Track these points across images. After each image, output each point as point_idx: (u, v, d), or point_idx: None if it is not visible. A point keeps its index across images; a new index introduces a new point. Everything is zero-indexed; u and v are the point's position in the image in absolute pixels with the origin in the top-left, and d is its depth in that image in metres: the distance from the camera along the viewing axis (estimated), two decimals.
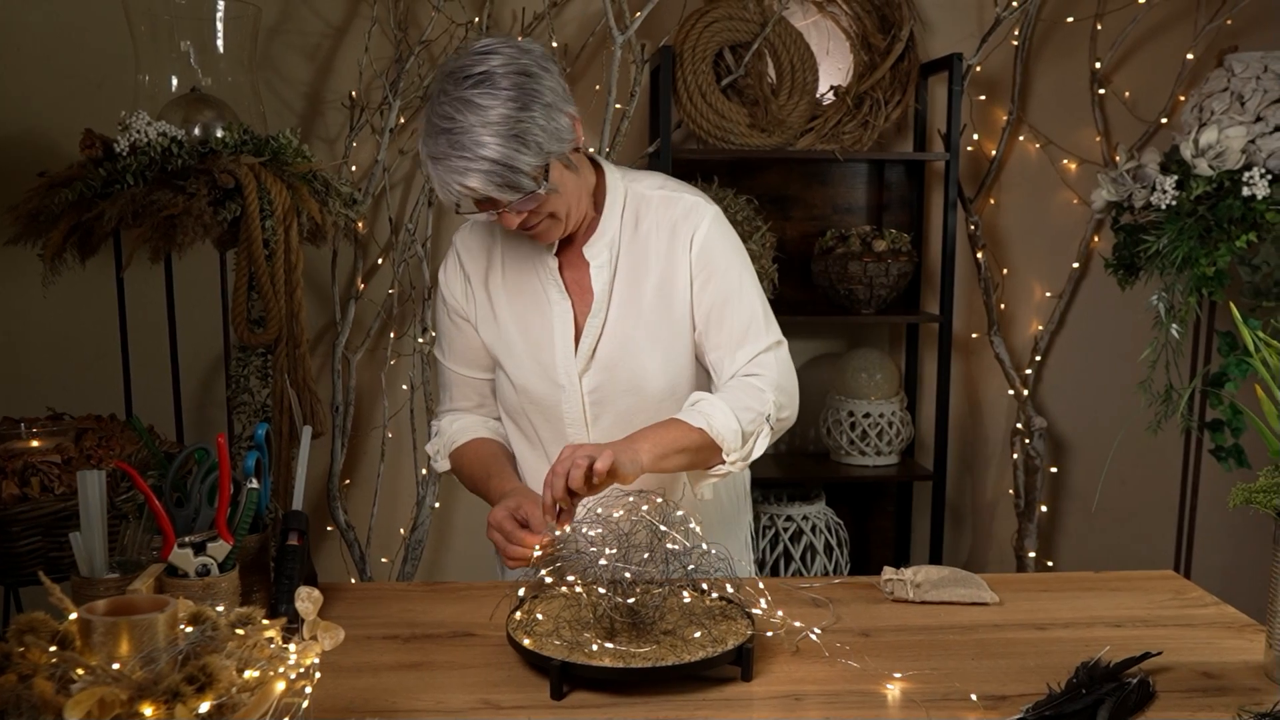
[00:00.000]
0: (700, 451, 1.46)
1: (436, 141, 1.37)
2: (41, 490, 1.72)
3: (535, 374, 1.59)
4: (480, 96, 1.35)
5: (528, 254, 1.60)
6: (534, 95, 1.37)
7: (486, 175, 1.36)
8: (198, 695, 0.89)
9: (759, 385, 1.53)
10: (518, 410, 1.64)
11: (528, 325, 1.59)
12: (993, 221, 3.10)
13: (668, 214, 1.57)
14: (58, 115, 2.68)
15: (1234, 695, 1.24)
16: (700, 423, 1.45)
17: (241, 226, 2.18)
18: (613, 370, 1.56)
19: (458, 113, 1.35)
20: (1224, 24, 2.93)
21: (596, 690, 1.23)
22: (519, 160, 1.36)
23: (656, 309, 1.56)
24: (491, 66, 1.37)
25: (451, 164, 1.36)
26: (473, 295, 1.63)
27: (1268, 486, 1.28)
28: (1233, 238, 2.22)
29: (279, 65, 2.87)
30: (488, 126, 1.35)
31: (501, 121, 1.35)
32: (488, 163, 1.35)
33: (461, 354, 1.68)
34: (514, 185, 1.38)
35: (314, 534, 3.01)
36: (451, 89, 1.37)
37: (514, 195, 1.39)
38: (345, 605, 1.53)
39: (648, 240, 1.57)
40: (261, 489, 1.41)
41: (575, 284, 1.58)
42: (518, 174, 1.37)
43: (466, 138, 1.35)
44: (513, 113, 1.35)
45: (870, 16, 2.93)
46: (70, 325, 2.83)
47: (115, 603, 0.98)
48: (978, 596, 1.53)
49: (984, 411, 3.19)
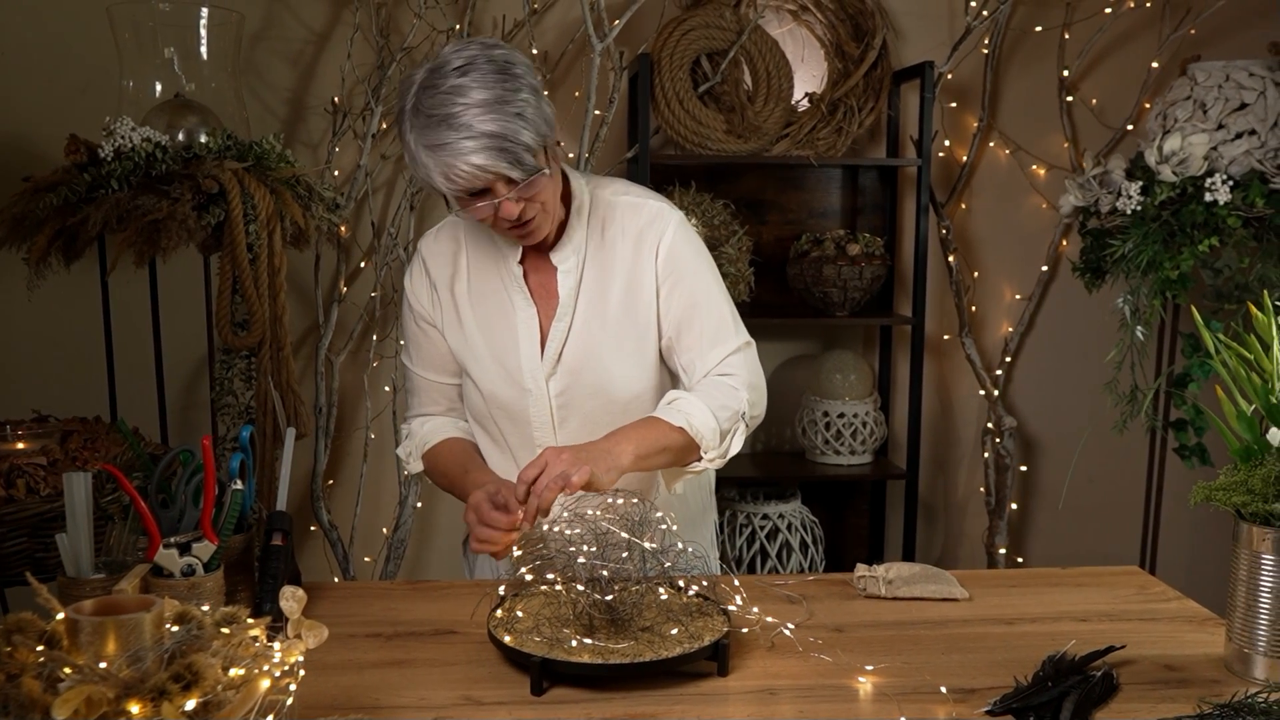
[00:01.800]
0: (680, 450, 1.48)
1: (434, 131, 1.36)
2: (27, 492, 1.71)
3: (501, 379, 1.59)
4: (470, 82, 1.35)
5: (492, 260, 1.60)
6: (519, 79, 1.38)
7: (491, 150, 1.35)
8: (184, 693, 0.89)
9: (733, 385, 1.55)
10: (484, 415, 1.64)
11: (493, 330, 1.59)
12: (964, 225, 3.13)
13: (633, 220, 1.57)
14: (43, 120, 2.66)
15: (1195, 687, 1.26)
16: (680, 421, 1.47)
17: (225, 231, 2.17)
18: (578, 374, 1.57)
19: (450, 100, 1.35)
20: (1188, 33, 2.97)
21: (576, 686, 1.24)
22: (521, 135, 1.36)
23: (622, 313, 1.57)
24: (471, 56, 1.38)
25: (455, 146, 1.35)
26: (439, 301, 1.63)
27: (1227, 484, 1.30)
28: (1195, 242, 2.25)
29: (263, 71, 2.87)
30: (484, 105, 1.35)
31: (497, 100, 1.35)
32: (488, 138, 1.35)
33: (429, 359, 1.67)
34: (519, 160, 1.37)
35: (298, 534, 3.00)
36: (439, 81, 1.36)
37: (520, 172, 1.38)
38: (328, 604, 1.53)
39: (614, 246, 1.57)
40: (246, 490, 1.41)
41: (540, 288, 1.59)
42: (520, 148, 1.36)
43: (463, 117, 1.34)
44: (504, 93, 1.36)
45: (844, 25, 2.95)
46: (56, 328, 2.81)
47: (102, 603, 0.98)
48: (948, 592, 1.55)
49: (955, 411, 3.22)
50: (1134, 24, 3.05)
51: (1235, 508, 1.28)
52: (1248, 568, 1.28)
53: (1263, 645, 1.26)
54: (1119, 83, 3.07)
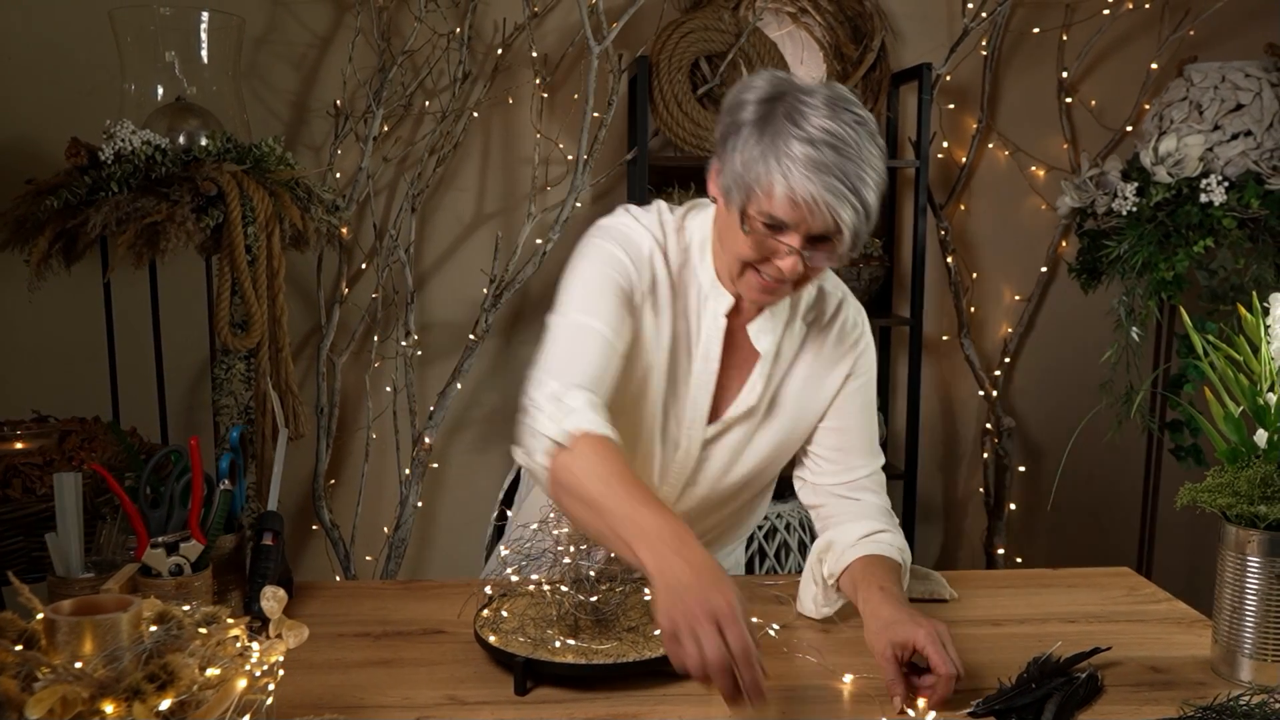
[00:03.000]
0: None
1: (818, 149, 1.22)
2: (23, 491, 1.72)
3: (660, 414, 1.45)
4: (869, 141, 1.24)
5: (690, 296, 1.44)
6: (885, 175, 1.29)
7: (856, 217, 1.24)
8: (158, 693, 0.88)
9: (888, 509, 1.51)
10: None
11: (673, 363, 1.44)
12: (963, 227, 3.12)
13: (838, 318, 1.49)
14: (46, 123, 2.67)
15: (1180, 689, 1.25)
16: (900, 560, 1.43)
17: (224, 233, 2.17)
18: (731, 453, 1.50)
19: (855, 144, 1.23)
20: (1186, 35, 2.95)
21: (559, 686, 1.24)
22: (874, 221, 1.27)
23: (797, 407, 1.49)
24: (868, 118, 1.27)
25: (833, 186, 1.22)
26: (650, 286, 1.42)
27: (1213, 486, 1.29)
28: (1191, 243, 2.23)
29: (266, 74, 2.87)
30: (873, 172, 1.24)
31: (880, 176, 1.26)
32: (864, 208, 1.24)
33: (616, 316, 1.36)
34: (858, 239, 1.27)
35: (300, 533, 3.01)
36: (842, 116, 1.23)
37: (850, 246, 1.27)
38: (320, 603, 1.53)
39: (810, 335, 1.48)
40: (235, 490, 1.41)
41: (725, 350, 1.44)
42: (866, 230, 1.27)
43: (857, 170, 1.23)
44: (884, 173, 1.27)
45: (843, 27, 2.94)
46: (57, 330, 2.82)
47: (81, 602, 0.98)
48: (935, 592, 1.54)
49: (955, 412, 3.20)
50: (1133, 25, 3.03)
51: (1221, 510, 1.27)
52: (1234, 570, 1.27)
53: (1248, 647, 1.25)
54: (1118, 84, 3.05)
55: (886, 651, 1.22)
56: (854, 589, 1.39)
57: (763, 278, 1.31)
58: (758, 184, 1.24)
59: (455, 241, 2.98)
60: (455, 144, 2.87)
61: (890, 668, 1.21)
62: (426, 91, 2.89)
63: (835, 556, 1.42)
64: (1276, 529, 1.23)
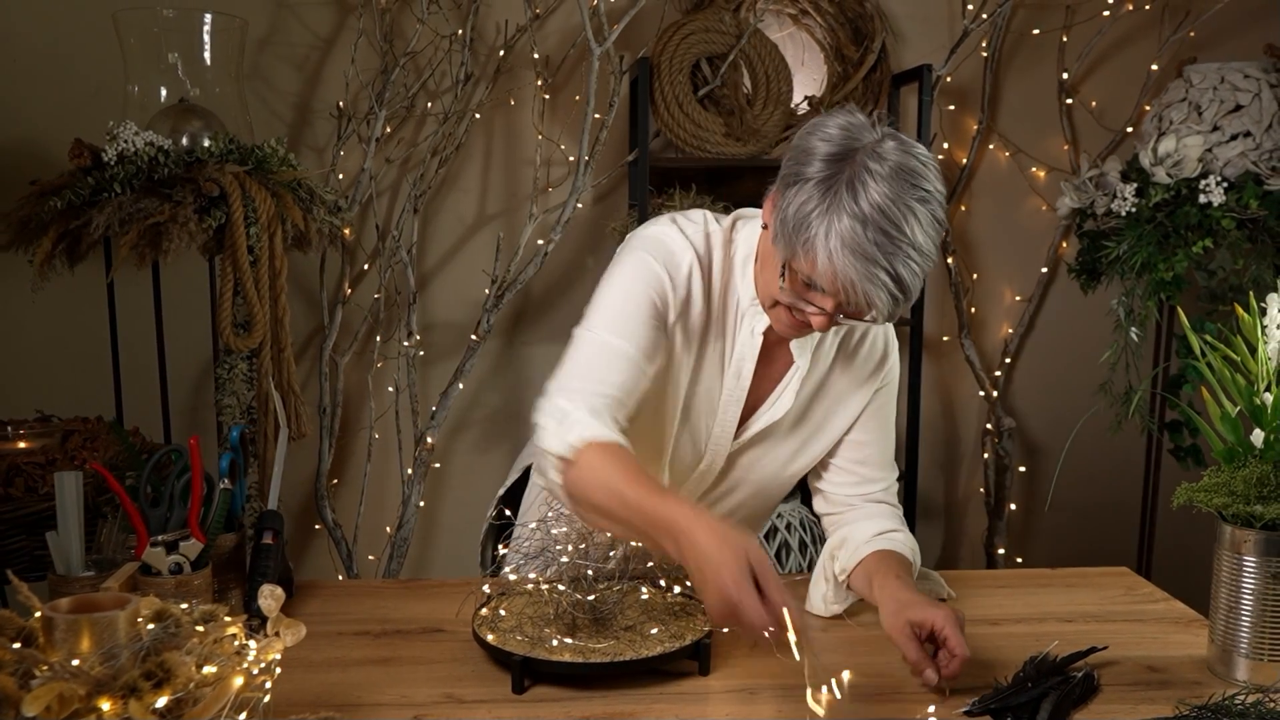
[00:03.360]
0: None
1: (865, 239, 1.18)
2: (26, 490, 1.72)
3: (688, 427, 1.46)
4: (923, 220, 1.20)
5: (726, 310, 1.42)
6: (937, 244, 1.25)
7: (892, 298, 1.21)
8: (155, 690, 0.89)
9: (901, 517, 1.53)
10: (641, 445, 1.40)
11: (705, 377, 1.43)
12: (963, 227, 3.11)
13: (869, 334, 1.50)
14: (50, 125, 2.67)
15: (1176, 688, 1.24)
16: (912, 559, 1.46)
17: (226, 233, 2.18)
18: (754, 466, 1.52)
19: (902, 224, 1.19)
20: (1187, 36, 2.94)
21: (557, 685, 1.24)
22: (912, 294, 1.24)
23: (823, 419, 1.51)
24: (935, 194, 1.22)
25: (871, 270, 1.19)
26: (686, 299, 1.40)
27: (1209, 486, 1.29)
28: (1190, 244, 2.23)
29: (269, 76, 2.87)
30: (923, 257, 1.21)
31: (930, 260, 1.23)
32: (899, 287, 1.21)
33: (647, 340, 1.34)
34: (893, 317, 1.26)
35: (303, 532, 3.01)
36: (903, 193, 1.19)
37: (874, 322, 1.28)
38: (320, 602, 1.53)
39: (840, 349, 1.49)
40: (235, 490, 1.41)
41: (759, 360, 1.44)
42: (905, 305, 1.25)
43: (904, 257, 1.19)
44: (930, 254, 1.22)
45: (844, 28, 2.94)
46: (61, 330, 2.83)
47: (79, 600, 0.98)
48: (934, 592, 1.53)
49: (955, 412, 3.20)
50: (1133, 27, 3.02)
51: (1217, 509, 1.27)
52: (1230, 569, 1.27)
53: (1244, 647, 1.25)
54: (1119, 85, 3.04)
55: (905, 630, 1.24)
56: (868, 581, 1.40)
57: (793, 317, 1.31)
58: (803, 247, 1.22)
59: (457, 242, 2.98)
60: (457, 145, 2.88)
61: (913, 646, 1.23)
62: (429, 93, 2.89)
63: (849, 552, 1.44)
64: (1272, 529, 1.22)
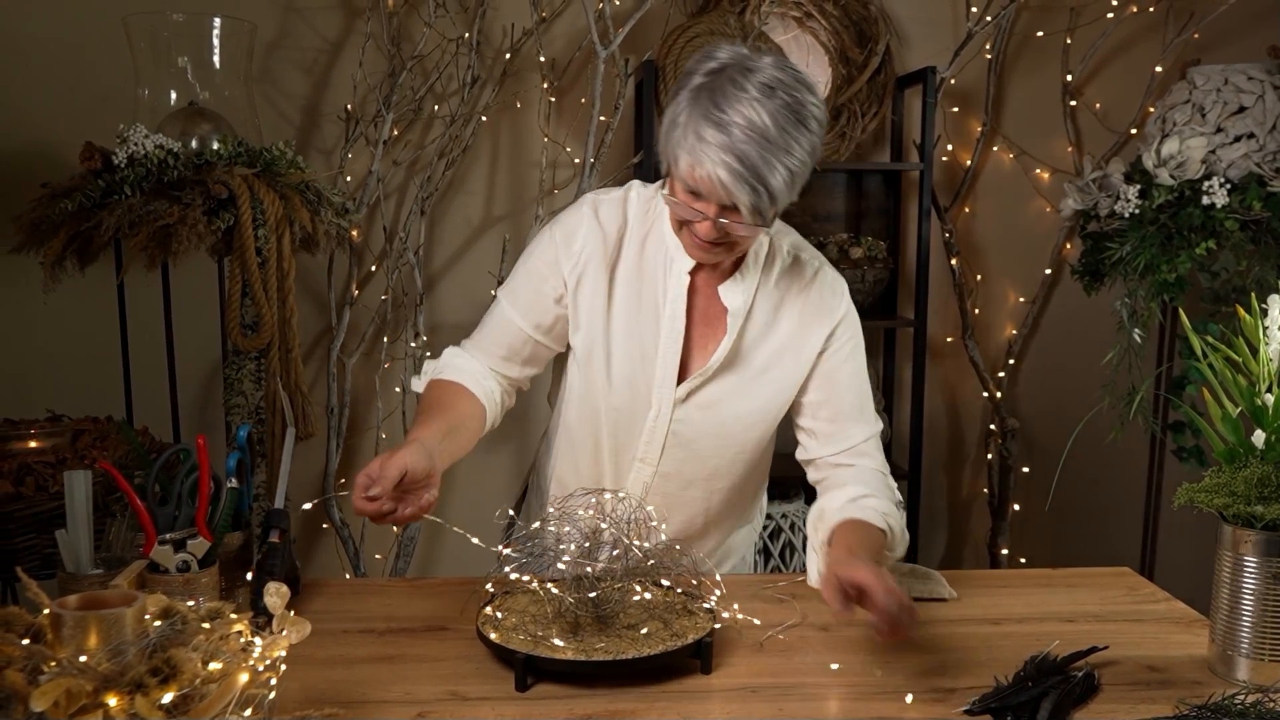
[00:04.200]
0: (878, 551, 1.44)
1: (708, 123, 1.28)
2: (37, 489, 1.73)
3: (627, 384, 1.51)
4: (769, 105, 1.28)
5: (657, 258, 1.51)
6: (809, 134, 1.32)
7: (740, 178, 1.29)
8: (161, 686, 0.89)
9: (883, 471, 1.54)
10: (592, 414, 1.55)
11: (635, 332, 1.50)
12: (967, 229, 3.11)
13: (813, 285, 1.53)
14: (62, 128, 2.69)
15: (1176, 688, 1.24)
16: (882, 524, 1.45)
17: (235, 235, 2.19)
18: (706, 411, 1.52)
19: (739, 109, 1.28)
20: (1191, 37, 2.94)
21: (560, 682, 1.24)
22: (773, 182, 1.30)
23: (772, 367, 1.52)
24: (783, 83, 1.30)
25: (714, 151, 1.28)
26: (587, 269, 1.50)
27: (1210, 486, 1.29)
28: (1193, 245, 2.22)
29: (278, 79, 2.88)
30: (763, 137, 1.28)
31: (776, 142, 1.29)
32: (765, 190, 1.29)
33: (525, 300, 1.54)
34: (756, 203, 1.31)
35: (311, 531, 3.02)
36: (743, 83, 1.29)
37: (750, 214, 1.32)
38: (326, 600, 1.53)
39: (785, 299, 1.53)
40: (242, 488, 1.42)
41: (697, 311, 1.51)
42: (764, 193, 1.30)
43: (739, 132, 1.27)
44: (807, 159, 1.31)
45: (848, 31, 2.94)
46: (72, 330, 2.84)
47: (87, 598, 0.99)
48: (935, 592, 1.53)
49: (959, 413, 3.19)
50: (1137, 29, 3.02)
51: (1218, 510, 1.26)
52: (1231, 569, 1.26)
53: (1245, 647, 1.24)
54: (1123, 87, 3.04)
55: (831, 582, 1.24)
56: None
57: (694, 236, 1.39)
58: (674, 155, 1.34)
59: (464, 244, 2.99)
60: (464, 148, 2.88)
61: (836, 597, 1.23)
62: (436, 96, 2.90)
63: (825, 525, 1.47)
64: (1273, 529, 1.22)
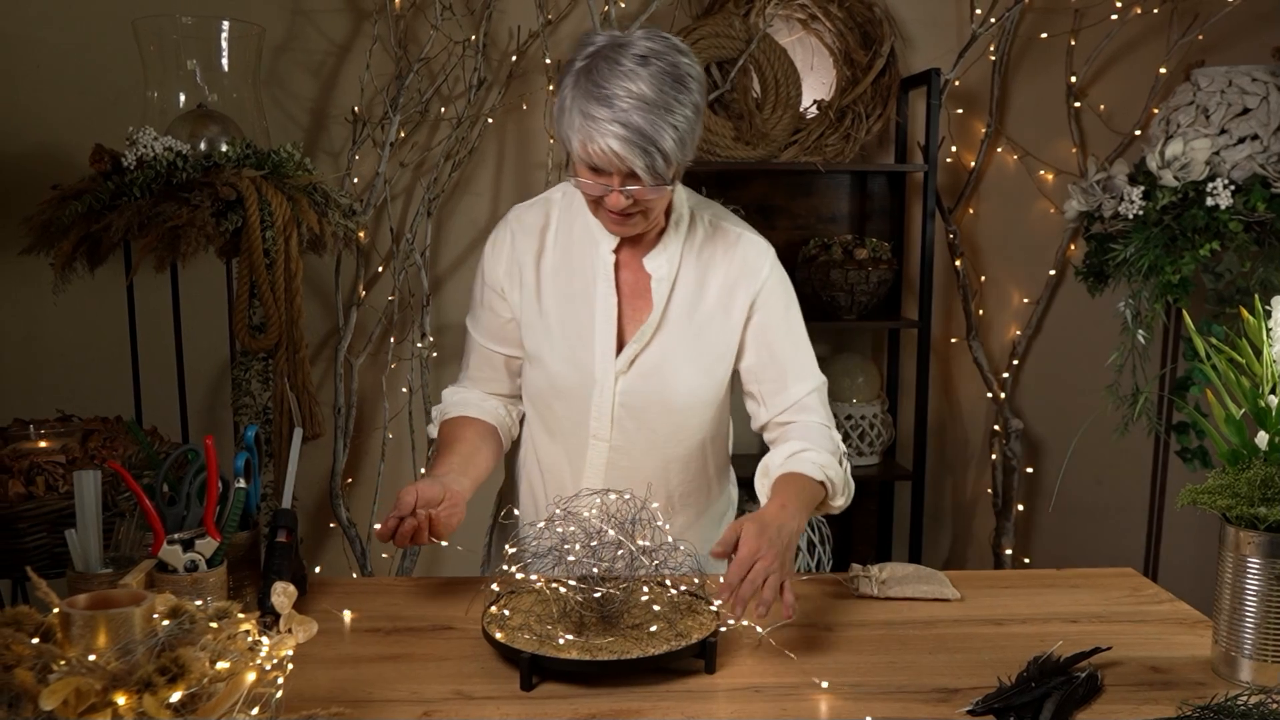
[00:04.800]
0: (818, 503, 1.52)
1: (592, 101, 1.36)
2: (47, 489, 1.73)
3: (570, 362, 1.57)
4: (645, 74, 1.35)
5: (583, 245, 1.58)
6: (689, 93, 1.39)
7: (632, 144, 1.35)
8: (169, 685, 0.89)
9: (825, 425, 1.59)
10: (545, 399, 1.62)
11: (573, 313, 1.57)
12: (971, 230, 3.10)
13: (736, 250, 1.59)
14: (72, 131, 2.69)
15: (1180, 689, 1.24)
16: (820, 476, 1.51)
17: (243, 237, 2.19)
18: (649, 379, 1.56)
19: (619, 82, 1.35)
20: (1195, 39, 2.93)
21: (564, 682, 1.24)
22: (664, 143, 1.37)
23: (706, 331, 1.57)
24: (657, 51, 1.38)
25: (603, 125, 1.35)
26: (517, 274, 1.60)
27: (1213, 488, 1.28)
28: (1197, 247, 2.22)
29: (286, 82, 2.89)
30: (646, 102, 1.35)
31: (659, 104, 1.35)
32: (636, 132, 1.35)
33: (488, 327, 1.65)
34: (652, 164, 1.37)
35: (318, 531, 3.02)
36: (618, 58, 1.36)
37: (649, 176, 1.38)
38: (333, 599, 1.53)
39: (710, 267, 1.58)
40: (249, 489, 1.42)
41: (628, 285, 1.58)
42: (658, 155, 1.37)
43: (623, 102, 1.34)
44: (669, 100, 1.36)
45: (853, 33, 2.93)
46: (82, 331, 2.85)
47: (96, 597, 0.99)
48: (939, 593, 1.53)
49: (963, 414, 3.19)
50: (1142, 30, 3.01)
51: (1221, 511, 1.26)
52: (1234, 571, 1.26)
53: (1248, 648, 1.24)
54: (1127, 88, 3.03)
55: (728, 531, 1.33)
56: None
57: (607, 211, 1.45)
58: (569, 138, 1.41)
59: (470, 245, 2.99)
60: (470, 149, 2.89)
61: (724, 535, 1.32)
62: (442, 98, 2.90)
63: (767, 481, 1.54)
64: (1276, 531, 1.22)
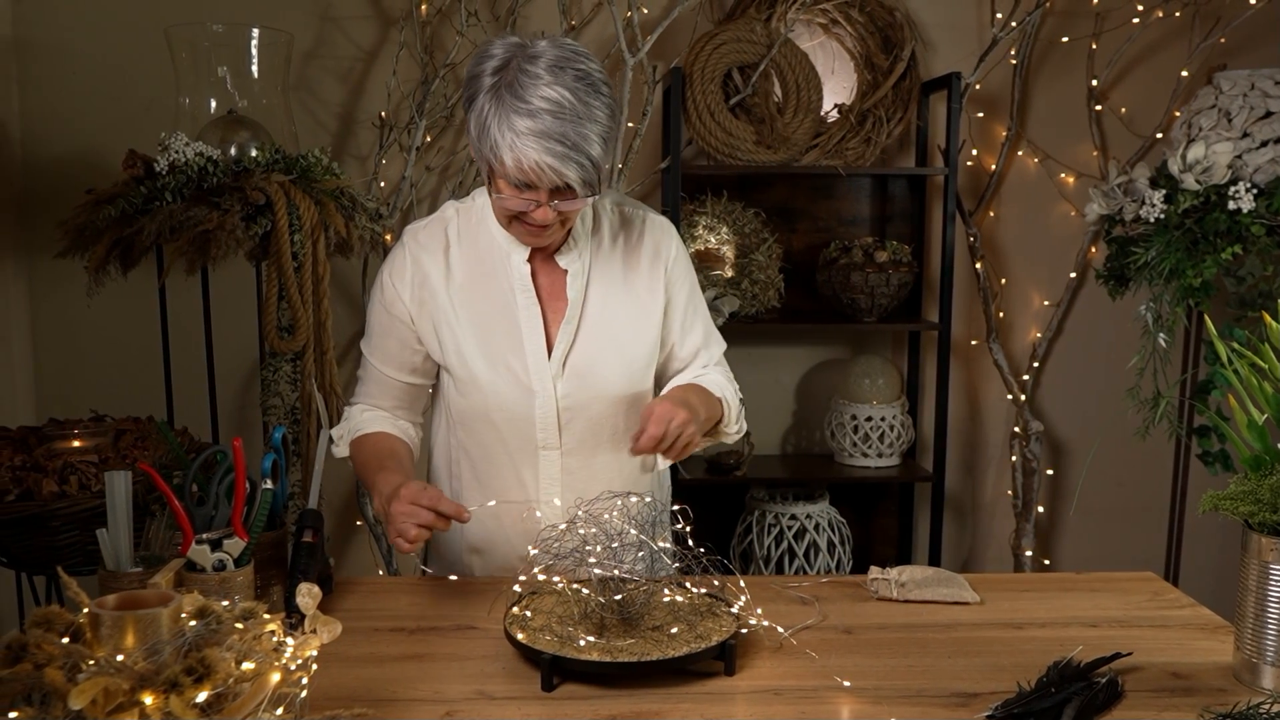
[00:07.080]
0: (714, 421, 1.57)
1: (517, 115, 1.33)
2: (80, 488, 1.75)
3: (505, 380, 1.54)
4: (590, 96, 1.35)
5: (491, 259, 1.56)
6: (604, 97, 1.38)
7: (582, 171, 1.35)
8: (195, 685, 0.89)
9: (729, 376, 1.66)
10: (482, 419, 1.58)
11: (493, 330, 1.55)
12: (992, 233, 3.08)
13: (642, 232, 1.61)
14: (106, 136, 2.72)
15: (1201, 695, 1.22)
16: (718, 393, 1.56)
17: (271, 240, 2.20)
18: (585, 377, 1.56)
19: (539, 93, 1.33)
20: (1217, 42, 2.89)
21: (585, 683, 1.23)
22: (602, 165, 1.38)
23: (628, 318, 1.58)
24: (592, 70, 1.37)
25: (530, 139, 1.33)
26: (423, 298, 1.56)
27: (1236, 493, 1.26)
28: (1218, 250, 2.18)
29: (314, 87, 2.90)
30: (596, 124, 1.35)
31: (604, 125, 1.36)
32: (589, 161, 1.35)
33: (389, 353, 1.61)
34: (592, 186, 1.38)
35: (344, 529, 3.03)
36: (533, 70, 1.34)
37: (581, 187, 1.37)
38: (358, 598, 1.54)
39: (620, 253, 1.59)
40: (277, 489, 1.43)
41: (544, 289, 1.56)
42: (587, 162, 1.36)
43: (545, 116, 1.32)
44: (609, 120, 1.38)
45: (874, 37, 2.91)
46: (115, 333, 2.87)
47: (125, 597, 0.99)
48: (959, 596, 1.51)
49: (983, 415, 3.16)
50: (1163, 34, 2.97)
51: (1244, 517, 1.24)
52: (1256, 577, 1.24)
53: (1271, 655, 1.22)
54: (1149, 92, 2.99)
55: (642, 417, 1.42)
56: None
57: (526, 224, 1.44)
58: (494, 156, 1.36)
59: None
60: None
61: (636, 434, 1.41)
62: None
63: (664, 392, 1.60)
64: None
